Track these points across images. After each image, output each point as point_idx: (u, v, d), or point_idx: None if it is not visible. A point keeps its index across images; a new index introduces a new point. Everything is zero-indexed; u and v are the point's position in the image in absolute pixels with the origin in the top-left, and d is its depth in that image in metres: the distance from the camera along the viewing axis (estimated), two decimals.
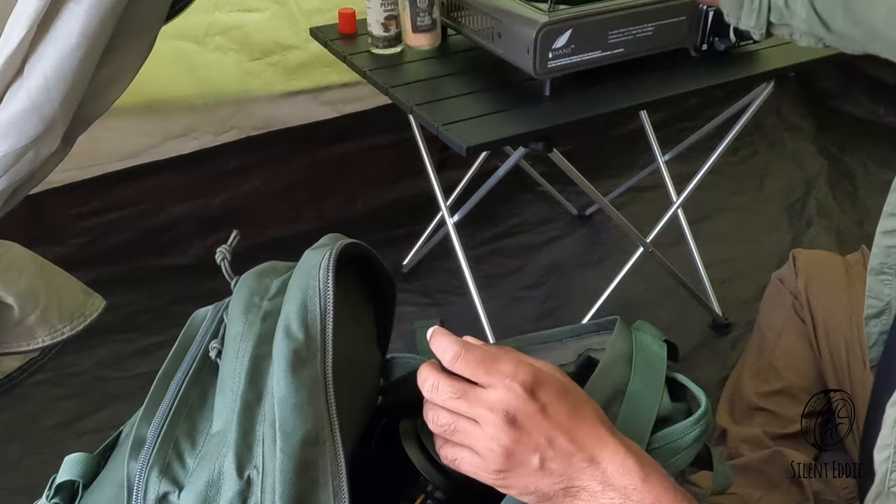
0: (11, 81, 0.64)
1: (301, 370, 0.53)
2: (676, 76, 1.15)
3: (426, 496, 0.64)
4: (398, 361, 0.74)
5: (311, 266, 0.59)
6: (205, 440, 0.53)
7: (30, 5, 0.60)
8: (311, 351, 0.54)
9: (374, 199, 1.88)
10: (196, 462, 0.51)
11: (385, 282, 0.70)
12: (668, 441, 0.59)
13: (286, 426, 0.50)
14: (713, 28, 1.13)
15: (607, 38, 1.07)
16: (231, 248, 0.66)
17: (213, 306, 0.63)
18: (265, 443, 0.50)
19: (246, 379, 0.53)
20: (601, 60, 1.07)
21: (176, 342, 0.60)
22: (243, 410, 0.52)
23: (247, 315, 0.58)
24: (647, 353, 0.64)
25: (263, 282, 0.62)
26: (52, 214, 1.57)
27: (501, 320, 1.41)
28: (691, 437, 0.60)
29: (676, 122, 2.07)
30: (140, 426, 0.53)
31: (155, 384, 0.56)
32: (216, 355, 0.57)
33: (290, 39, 1.63)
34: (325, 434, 0.51)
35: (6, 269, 0.76)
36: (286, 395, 0.52)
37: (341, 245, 0.60)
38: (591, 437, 0.49)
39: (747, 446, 1.13)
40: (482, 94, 1.13)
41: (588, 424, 0.50)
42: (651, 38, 1.10)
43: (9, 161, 0.66)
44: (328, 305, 0.56)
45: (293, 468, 0.49)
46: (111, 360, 1.47)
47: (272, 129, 1.73)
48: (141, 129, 1.57)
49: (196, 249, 1.72)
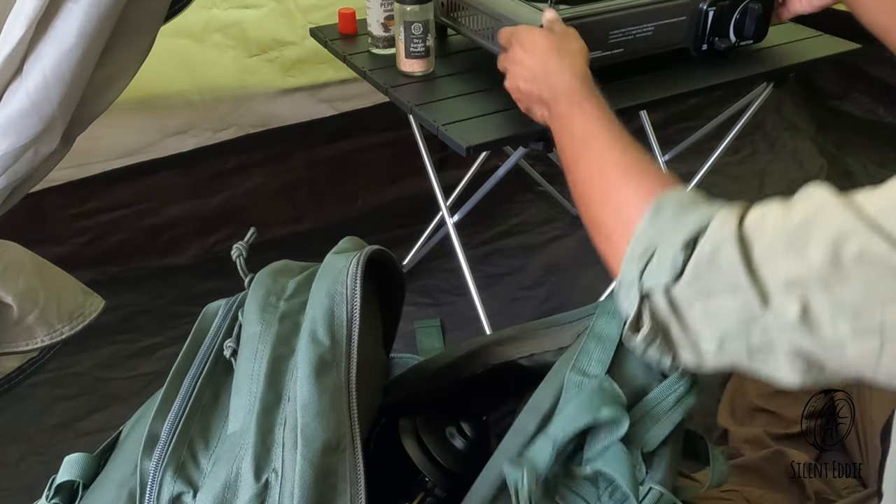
0: (10, 81, 0.64)
1: (325, 376, 0.53)
2: (676, 76, 1.15)
3: (426, 494, 0.64)
4: (398, 361, 0.74)
5: (338, 271, 0.59)
6: (217, 441, 0.53)
7: (29, 5, 0.60)
8: (335, 357, 0.54)
9: (374, 198, 1.88)
10: (211, 463, 0.51)
11: (397, 287, 0.70)
12: (644, 410, 0.58)
13: (308, 431, 0.50)
14: (713, 28, 1.13)
15: (608, 38, 1.07)
16: (248, 244, 0.66)
17: (225, 301, 0.63)
18: (285, 447, 0.50)
19: (265, 381, 0.53)
20: (601, 61, 1.07)
21: (189, 337, 0.60)
22: (262, 413, 0.52)
23: (263, 315, 0.58)
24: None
25: (279, 281, 0.61)
26: (51, 214, 1.57)
27: (501, 320, 1.41)
28: (667, 403, 0.59)
29: (676, 122, 2.07)
30: (154, 423, 0.53)
31: (169, 380, 0.56)
32: (231, 354, 0.57)
33: (288, 36, 1.63)
34: (345, 441, 0.51)
35: (5, 268, 0.76)
36: (309, 400, 0.51)
37: (369, 252, 0.60)
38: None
39: (749, 446, 1.13)
40: (482, 94, 1.12)
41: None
42: (651, 38, 1.10)
43: (8, 160, 0.66)
44: (354, 313, 0.56)
45: (313, 474, 0.49)
46: (111, 361, 1.46)
47: (270, 127, 1.72)
48: (139, 126, 1.57)
49: (196, 249, 1.72)
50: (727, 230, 0.52)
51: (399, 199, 1.87)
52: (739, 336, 0.52)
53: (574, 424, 0.54)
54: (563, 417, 0.55)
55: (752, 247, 0.51)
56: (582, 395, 0.56)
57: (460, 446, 0.66)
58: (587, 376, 0.58)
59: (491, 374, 0.71)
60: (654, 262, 0.55)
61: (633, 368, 0.60)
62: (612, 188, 0.66)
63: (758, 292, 0.49)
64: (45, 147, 0.68)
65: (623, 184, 0.65)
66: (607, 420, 0.55)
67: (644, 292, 0.55)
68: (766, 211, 0.52)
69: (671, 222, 0.56)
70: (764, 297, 0.49)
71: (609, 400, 0.55)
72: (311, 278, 0.62)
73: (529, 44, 0.89)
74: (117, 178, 1.61)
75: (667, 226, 0.56)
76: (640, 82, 1.14)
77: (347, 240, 0.67)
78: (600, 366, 0.59)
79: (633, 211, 0.61)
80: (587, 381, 0.58)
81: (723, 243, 0.52)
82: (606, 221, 0.65)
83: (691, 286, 0.53)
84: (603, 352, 0.60)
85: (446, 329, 1.55)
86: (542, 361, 0.70)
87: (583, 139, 0.73)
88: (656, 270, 0.55)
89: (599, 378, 0.58)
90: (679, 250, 0.54)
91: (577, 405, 0.55)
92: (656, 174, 0.65)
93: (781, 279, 0.49)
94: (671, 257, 0.54)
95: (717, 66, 1.17)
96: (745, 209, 0.54)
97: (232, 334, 0.58)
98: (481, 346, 0.71)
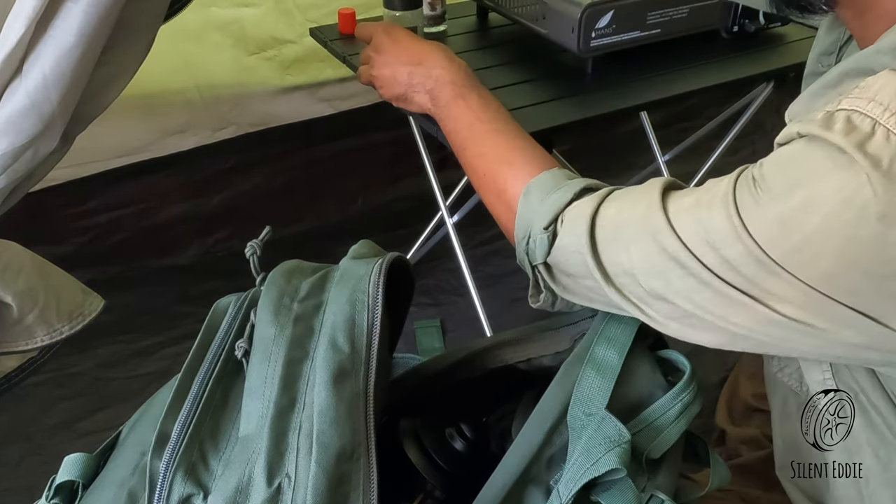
0: (10, 80, 0.64)
1: (343, 383, 0.53)
2: (676, 76, 1.16)
3: (425, 495, 0.64)
4: (398, 361, 0.74)
5: (359, 278, 0.59)
6: (227, 443, 0.52)
7: (28, 4, 0.60)
8: (354, 365, 0.54)
9: (374, 198, 1.88)
10: (222, 466, 0.51)
11: (407, 291, 0.70)
12: (648, 422, 0.58)
13: (323, 438, 0.50)
14: (744, 10, 1.20)
15: (646, 18, 1.13)
16: (262, 242, 0.66)
17: (235, 297, 0.62)
18: (300, 452, 0.50)
19: (280, 385, 0.53)
20: (640, 40, 1.14)
21: (199, 334, 0.59)
22: (276, 417, 0.51)
23: (277, 317, 0.57)
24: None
25: (292, 282, 0.61)
26: (51, 213, 1.57)
27: (501, 320, 1.41)
28: (672, 413, 0.59)
29: (676, 122, 2.07)
30: (165, 422, 0.53)
31: (180, 379, 0.56)
32: (242, 355, 0.56)
33: (287, 34, 1.63)
34: (360, 450, 0.51)
35: (4, 268, 0.76)
36: (326, 407, 0.51)
37: (391, 259, 0.60)
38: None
39: (746, 447, 1.13)
40: None
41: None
42: (686, 19, 1.17)
43: (7, 160, 0.66)
44: (375, 321, 0.56)
45: (327, 481, 0.49)
46: (111, 361, 1.46)
47: (270, 126, 1.72)
48: (139, 125, 1.57)
49: (196, 249, 1.72)
50: (581, 221, 0.60)
51: (399, 198, 1.87)
52: (600, 303, 0.63)
53: (578, 483, 0.53)
54: (567, 475, 0.54)
55: (597, 237, 0.59)
56: (583, 442, 0.55)
57: (460, 448, 0.66)
58: (589, 415, 0.57)
59: (489, 377, 0.71)
60: (532, 244, 0.65)
61: (636, 380, 0.61)
62: (495, 174, 0.74)
63: (601, 275, 0.59)
64: (45, 146, 0.68)
65: (502, 169, 0.73)
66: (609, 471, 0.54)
67: (532, 266, 0.66)
68: (611, 201, 0.60)
69: (538, 205, 0.65)
70: (607, 279, 0.59)
71: (609, 444, 0.54)
72: (324, 280, 0.61)
73: (401, 34, 0.95)
74: (117, 177, 1.60)
75: (534, 209, 0.65)
76: (640, 82, 1.14)
77: (363, 243, 0.67)
78: (601, 396, 0.58)
79: (512, 195, 0.69)
80: (588, 420, 0.57)
81: (573, 230, 0.61)
82: (493, 204, 0.74)
83: (558, 266, 0.64)
84: (604, 382, 0.60)
85: (446, 329, 1.55)
86: (539, 366, 0.70)
87: (467, 127, 0.80)
88: (534, 251, 0.64)
89: (600, 415, 0.57)
90: (542, 234, 0.63)
91: (580, 461, 0.54)
92: (532, 157, 0.72)
93: (616, 268, 0.58)
94: (539, 240, 0.63)
95: (717, 66, 1.18)
96: (600, 200, 0.61)
97: (243, 334, 0.58)
98: (479, 351, 0.71)
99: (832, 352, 0.55)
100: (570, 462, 0.55)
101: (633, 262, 0.56)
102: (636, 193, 0.59)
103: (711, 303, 0.53)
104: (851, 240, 0.46)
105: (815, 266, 0.47)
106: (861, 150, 0.45)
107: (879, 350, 0.52)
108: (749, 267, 0.50)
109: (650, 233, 0.55)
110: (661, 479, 0.57)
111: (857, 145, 0.45)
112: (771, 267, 0.49)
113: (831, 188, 0.46)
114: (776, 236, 0.48)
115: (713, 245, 0.51)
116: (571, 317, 0.70)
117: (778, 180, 0.48)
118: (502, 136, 0.77)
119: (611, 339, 0.63)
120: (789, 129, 0.50)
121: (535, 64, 1.19)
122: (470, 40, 1.31)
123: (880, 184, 0.44)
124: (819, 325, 0.50)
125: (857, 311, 0.48)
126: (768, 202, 0.48)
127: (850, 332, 0.50)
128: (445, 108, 0.84)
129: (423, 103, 0.90)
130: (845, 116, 0.46)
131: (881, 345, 0.51)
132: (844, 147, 0.45)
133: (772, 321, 0.51)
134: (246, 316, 0.59)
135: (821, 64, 0.70)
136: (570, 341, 0.68)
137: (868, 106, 0.46)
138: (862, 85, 0.48)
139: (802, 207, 0.47)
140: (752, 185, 0.50)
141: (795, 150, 0.49)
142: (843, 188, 0.45)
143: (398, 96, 0.94)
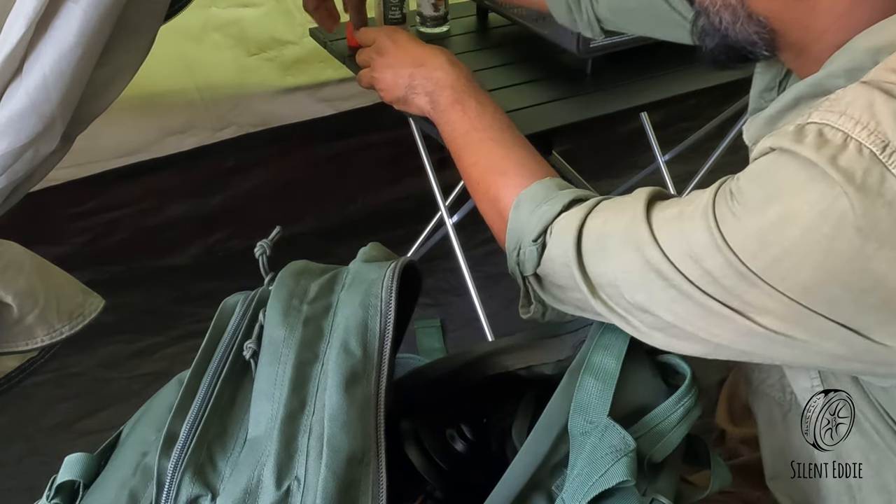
0: (10, 80, 0.63)
1: (355, 387, 0.52)
2: (676, 76, 1.15)
3: (426, 496, 0.64)
4: (398, 362, 0.74)
5: (371, 283, 0.59)
6: (234, 445, 0.52)
7: (28, 4, 0.60)
8: (366, 370, 0.54)
9: (374, 198, 1.88)
10: (229, 468, 0.51)
11: (414, 294, 0.70)
12: (650, 427, 0.58)
13: (334, 441, 0.50)
14: None
15: None
16: (272, 242, 0.65)
17: (243, 297, 0.62)
18: (310, 456, 0.50)
19: (290, 387, 0.53)
20: (640, 41, 1.13)
21: (207, 333, 0.59)
22: (286, 419, 0.51)
23: (287, 318, 0.57)
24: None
25: (301, 283, 0.61)
26: (51, 213, 1.57)
27: (501, 320, 1.41)
28: (674, 417, 0.59)
29: (676, 122, 2.07)
30: (174, 421, 0.53)
31: (188, 379, 0.56)
32: (251, 356, 0.56)
33: (287, 35, 1.63)
34: (370, 455, 0.51)
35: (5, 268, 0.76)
36: (337, 411, 0.51)
37: (404, 264, 0.60)
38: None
39: (746, 447, 1.13)
40: None
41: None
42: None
43: (7, 160, 0.66)
44: (388, 326, 0.56)
45: (336, 485, 0.49)
46: (111, 361, 1.46)
47: (270, 127, 1.72)
48: (139, 125, 1.57)
49: (196, 249, 1.72)
50: (568, 232, 0.60)
51: (399, 198, 1.87)
52: (589, 313, 0.62)
53: (588, 496, 0.53)
54: (573, 486, 0.54)
55: (583, 248, 0.59)
56: (587, 452, 0.55)
57: (460, 449, 0.66)
58: (591, 422, 0.57)
59: (489, 383, 0.71)
60: (523, 255, 0.65)
61: (636, 385, 0.61)
62: (489, 183, 0.74)
63: (587, 287, 0.59)
64: (45, 147, 0.68)
65: (496, 178, 0.73)
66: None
67: (523, 278, 0.66)
68: (598, 212, 0.60)
69: (527, 217, 0.65)
70: (592, 290, 0.59)
71: (616, 454, 0.54)
72: (332, 281, 0.61)
73: (404, 38, 0.95)
74: (117, 177, 1.60)
75: (524, 220, 0.65)
76: (640, 83, 1.14)
77: (373, 246, 0.67)
78: (602, 403, 0.58)
79: (504, 205, 0.69)
80: (591, 428, 0.57)
81: (561, 241, 0.61)
82: (487, 212, 0.74)
83: (547, 277, 0.64)
84: (604, 388, 0.59)
85: (446, 329, 1.55)
86: (539, 373, 0.70)
87: (464, 134, 0.81)
88: (524, 262, 0.65)
89: (603, 423, 0.57)
90: (531, 246, 0.63)
91: (587, 471, 0.54)
92: (526, 167, 0.72)
93: (601, 279, 0.58)
94: (529, 252, 0.64)
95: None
96: (588, 211, 0.61)
97: (251, 334, 0.57)
98: (479, 357, 0.71)
99: (814, 361, 0.56)
100: (573, 471, 0.55)
101: (618, 273, 0.57)
102: (622, 204, 0.59)
103: (693, 314, 0.53)
104: (830, 252, 0.46)
105: (795, 278, 0.48)
106: (833, 165, 0.45)
107: (861, 361, 0.52)
108: (730, 279, 0.50)
109: (634, 244, 0.55)
110: (662, 482, 0.57)
111: (829, 159, 0.45)
112: (751, 279, 0.49)
113: (807, 202, 0.46)
114: (755, 249, 0.48)
115: (694, 257, 0.51)
116: (572, 324, 0.70)
117: (753, 194, 0.49)
118: (497, 145, 0.77)
119: (607, 346, 0.63)
120: (762, 144, 0.51)
121: (534, 65, 1.19)
122: (470, 41, 1.31)
123: (856, 198, 0.44)
124: (800, 337, 0.50)
125: (837, 323, 0.48)
126: (745, 215, 0.49)
127: (831, 344, 0.50)
128: (443, 113, 0.85)
129: (423, 106, 0.90)
130: (817, 130, 0.46)
131: (862, 356, 0.51)
132: (816, 161, 0.45)
133: (753, 333, 0.51)
134: (254, 316, 0.59)
135: (763, 100, 0.70)
136: (572, 349, 0.68)
137: (839, 120, 0.46)
138: (832, 97, 0.48)
139: (780, 220, 0.47)
140: (730, 198, 0.50)
141: (768, 163, 0.49)
142: (819, 201, 0.45)
143: (399, 98, 0.94)
